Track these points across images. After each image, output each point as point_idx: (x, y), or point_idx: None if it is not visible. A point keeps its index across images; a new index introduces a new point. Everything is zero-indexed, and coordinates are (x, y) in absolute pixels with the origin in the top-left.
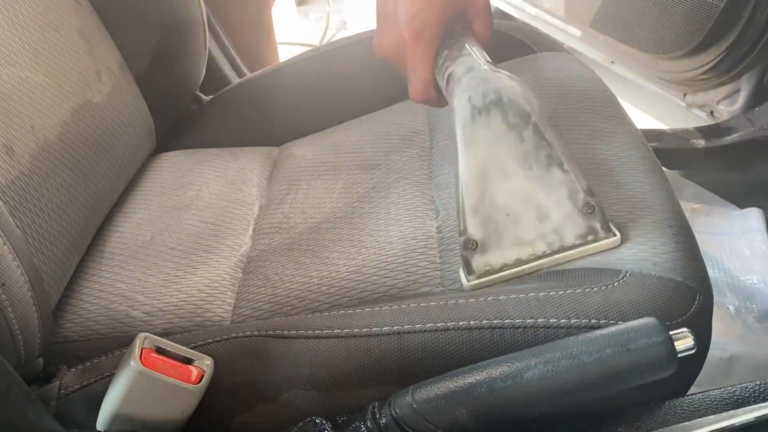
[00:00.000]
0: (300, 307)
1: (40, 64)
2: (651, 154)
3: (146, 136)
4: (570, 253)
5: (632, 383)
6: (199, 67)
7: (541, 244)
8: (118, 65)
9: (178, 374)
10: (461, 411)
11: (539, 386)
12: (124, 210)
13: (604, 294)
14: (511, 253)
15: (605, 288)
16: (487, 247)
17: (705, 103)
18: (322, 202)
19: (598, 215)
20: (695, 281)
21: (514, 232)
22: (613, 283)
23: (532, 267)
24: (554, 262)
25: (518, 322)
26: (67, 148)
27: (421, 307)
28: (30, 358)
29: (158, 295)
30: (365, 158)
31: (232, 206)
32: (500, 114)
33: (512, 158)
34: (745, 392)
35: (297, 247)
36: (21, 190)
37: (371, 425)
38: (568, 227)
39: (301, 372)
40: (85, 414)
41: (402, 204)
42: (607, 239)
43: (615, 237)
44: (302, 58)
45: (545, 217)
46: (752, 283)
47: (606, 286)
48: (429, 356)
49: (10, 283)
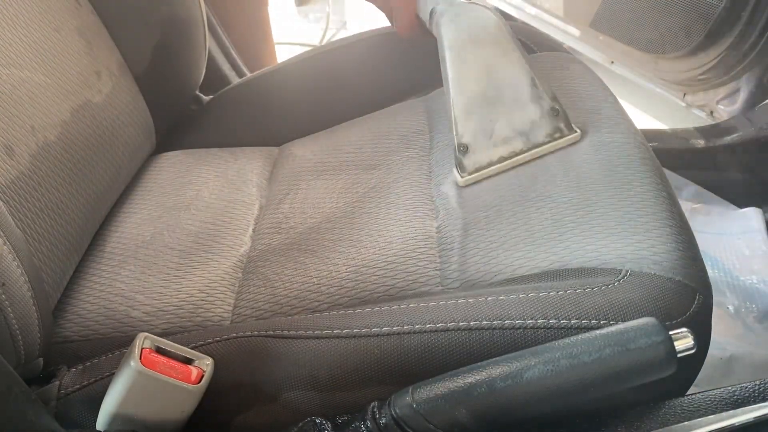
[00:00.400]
0: (300, 307)
1: (40, 65)
2: (651, 154)
3: (146, 136)
4: (542, 149)
5: (632, 383)
6: (199, 67)
7: (518, 142)
8: (118, 65)
9: (178, 374)
10: (461, 411)
11: (539, 386)
12: (124, 210)
13: (603, 294)
14: (495, 152)
15: (605, 288)
16: (475, 149)
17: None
18: (322, 202)
19: (562, 117)
20: (695, 281)
21: (496, 135)
22: (613, 282)
23: (513, 162)
24: (530, 156)
25: (518, 322)
26: (67, 148)
27: (421, 307)
28: (30, 358)
29: (158, 295)
30: (365, 158)
31: (231, 206)
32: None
33: (490, 75)
34: (745, 392)
35: (297, 247)
36: (21, 190)
37: (371, 425)
38: (539, 128)
39: (301, 372)
40: (84, 414)
41: (402, 204)
42: (570, 135)
43: (576, 133)
44: (302, 58)
45: (520, 121)
46: (752, 283)
47: (606, 285)
48: (429, 356)
49: (9, 283)
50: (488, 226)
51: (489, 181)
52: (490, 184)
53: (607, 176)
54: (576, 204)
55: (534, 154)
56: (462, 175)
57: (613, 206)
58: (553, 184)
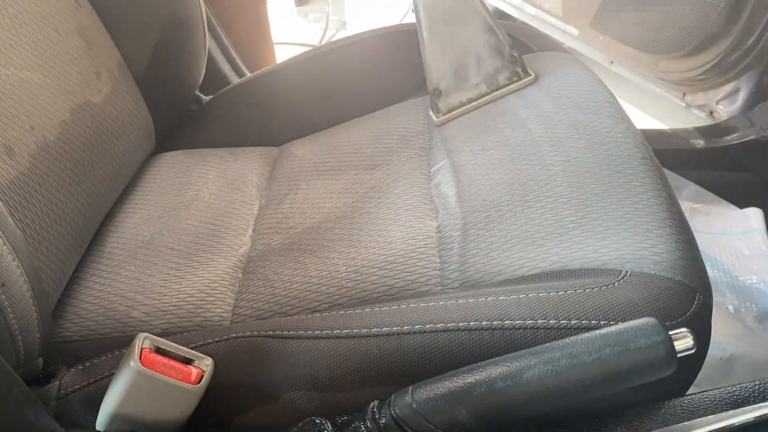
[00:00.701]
0: (299, 307)
1: (39, 65)
2: (650, 154)
3: (146, 136)
4: (503, 90)
5: (632, 383)
6: (199, 67)
7: (483, 86)
8: (117, 65)
9: (178, 374)
10: (461, 411)
11: (539, 386)
12: (124, 210)
13: (603, 294)
14: (464, 95)
15: (605, 288)
16: (448, 93)
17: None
18: (321, 202)
19: (519, 63)
20: (695, 281)
21: (465, 80)
22: (613, 282)
23: (480, 103)
24: (494, 98)
25: (518, 322)
26: (66, 148)
27: (420, 308)
28: (30, 359)
29: (158, 295)
30: (365, 158)
31: (231, 206)
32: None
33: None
34: (745, 392)
35: (297, 247)
36: (21, 191)
37: (371, 425)
38: (500, 73)
39: (301, 372)
40: (84, 414)
41: (401, 204)
42: (526, 78)
43: (531, 76)
44: (302, 58)
45: (484, 67)
46: (752, 283)
47: (606, 285)
48: (429, 357)
49: (9, 283)
50: (488, 226)
51: (480, 159)
52: (481, 165)
53: (607, 176)
54: (576, 204)
55: (496, 96)
56: (437, 116)
57: (613, 206)
58: (553, 184)
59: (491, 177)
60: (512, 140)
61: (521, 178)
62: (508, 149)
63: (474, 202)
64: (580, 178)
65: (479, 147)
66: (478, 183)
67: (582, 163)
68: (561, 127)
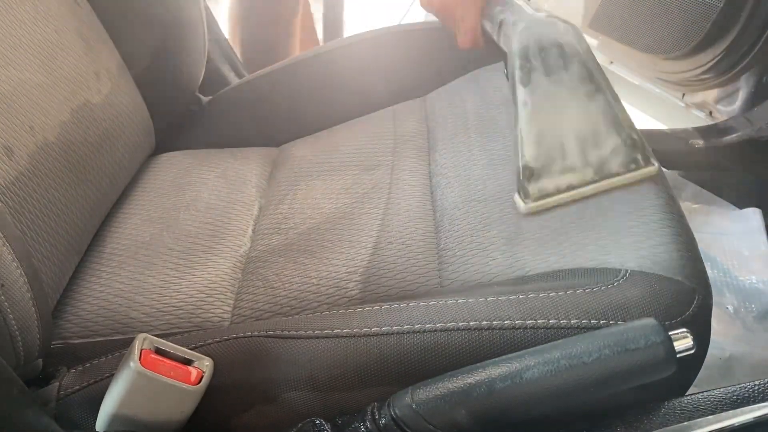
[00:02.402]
0: (299, 308)
1: (39, 65)
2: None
3: (145, 137)
4: (615, 180)
5: (632, 383)
6: (199, 67)
7: (589, 171)
8: (117, 66)
9: (178, 375)
10: (461, 411)
11: (539, 387)
12: (124, 211)
13: (603, 294)
14: (563, 180)
15: (605, 288)
16: (541, 175)
17: (704, 104)
18: (321, 202)
19: (640, 147)
20: (694, 281)
21: (566, 161)
22: (613, 282)
23: (582, 192)
24: (601, 188)
25: (518, 322)
26: (66, 148)
27: (420, 307)
28: (29, 359)
29: (158, 296)
30: (365, 158)
31: (231, 207)
32: (556, 56)
33: (567, 96)
34: (745, 392)
35: (296, 247)
36: (20, 191)
37: (371, 426)
38: (614, 157)
39: (301, 372)
40: (84, 415)
41: (401, 204)
42: (646, 168)
43: (654, 167)
44: (302, 59)
45: (594, 148)
46: (751, 283)
47: (606, 286)
48: (429, 357)
49: (9, 284)
50: (488, 226)
51: None
52: (480, 165)
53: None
54: (576, 204)
55: (604, 186)
56: (525, 202)
57: (613, 206)
58: None
59: (491, 177)
60: (511, 139)
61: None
62: (507, 149)
63: (473, 203)
64: None
65: (478, 147)
66: (478, 183)
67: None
68: None
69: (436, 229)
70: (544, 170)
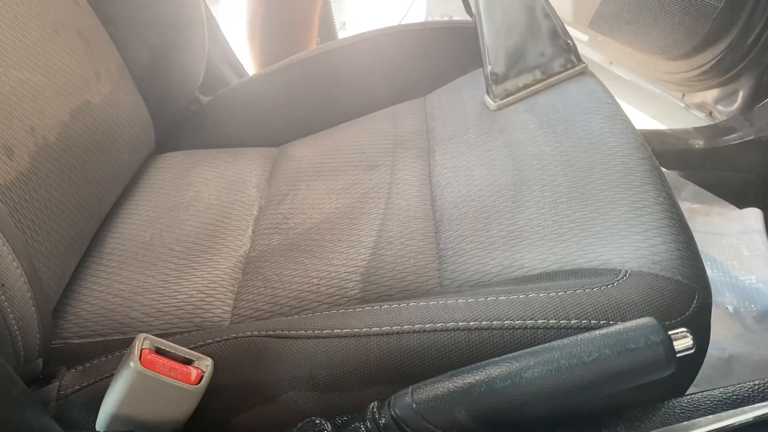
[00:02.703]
0: (299, 308)
1: (39, 66)
2: (650, 154)
3: (145, 137)
4: (558, 77)
5: (631, 383)
6: (199, 67)
7: (538, 72)
8: (117, 66)
9: (178, 375)
10: (460, 411)
11: (539, 386)
12: (124, 211)
13: (603, 294)
14: (519, 80)
15: (605, 288)
16: (505, 78)
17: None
18: (321, 202)
19: (573, 50)
20: (694, 280)
21: (521, 65)
22: (613, 282)
23: (534, 89)
24: (549, 84)
25: (518, 322)
26: (66, 149)
27: (420, 307)
28: (29, 359)
29: (157, 296)
30: (365, 158)
31: (231, 207)
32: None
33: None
34: (744, 392)
35: (296, 247)
36: (20, 191)
37: (371, 425)
38: (555, 59)
39: (301, 372)
40: (84, 415)
41: (401, 204)
42: (579, 66)
43: (583, 64)
44: (302, 59)
45: (540, 54)
46: (751, 283)
47: (606, 285)
48: (428, 356)
49: (9, 284)
50: (488, 226)
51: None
52: (480, 165)
53: (606, 176)
54: (575, 204)
55: (551, 83)
56: (495, 101)
57: (612, 206)
58: (552, 185)
59: (490, 177)
60: (511, 140)
61: (521, 178)
62: (507, 149)
63: (473, 203)
64: (579, 179)
65: (478, 147)
66: (478, 183)
67: (581, 163)
68: (560, 128)
69: (435, 229)
70: (505, 74)
